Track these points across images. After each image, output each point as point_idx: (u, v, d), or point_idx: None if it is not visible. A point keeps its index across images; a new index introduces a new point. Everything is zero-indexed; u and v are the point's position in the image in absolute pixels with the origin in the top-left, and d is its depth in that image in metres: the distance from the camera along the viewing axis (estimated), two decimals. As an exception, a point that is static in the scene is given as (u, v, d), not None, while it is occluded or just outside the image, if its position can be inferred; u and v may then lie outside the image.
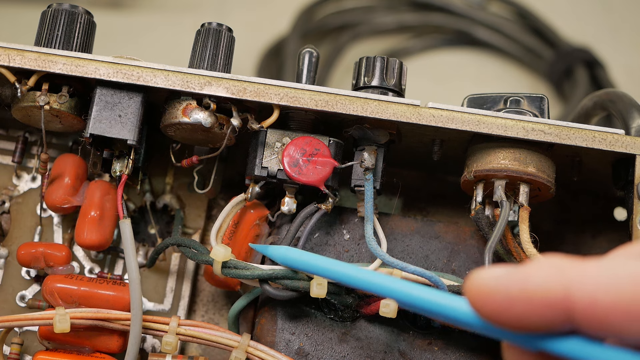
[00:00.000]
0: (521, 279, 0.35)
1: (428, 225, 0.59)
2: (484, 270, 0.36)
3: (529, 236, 0.54)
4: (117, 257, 0.62)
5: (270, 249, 0.51)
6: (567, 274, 0.35)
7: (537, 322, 0.35)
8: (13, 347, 0.57)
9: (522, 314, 0.35)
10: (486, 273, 0.36)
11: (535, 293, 0.35)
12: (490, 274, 0.36)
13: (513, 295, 0.35)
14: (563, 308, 0.34)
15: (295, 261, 0.51)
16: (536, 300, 0.35)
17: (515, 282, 0.35)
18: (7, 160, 0.63)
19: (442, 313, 0.39)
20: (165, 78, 0.55)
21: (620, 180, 0.56)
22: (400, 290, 0.39)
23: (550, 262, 0.35)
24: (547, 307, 0.34)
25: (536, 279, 0.35)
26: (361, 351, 0.56)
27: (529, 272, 0.35)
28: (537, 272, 0.35)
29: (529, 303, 0.35)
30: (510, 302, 0.35)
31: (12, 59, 0.54)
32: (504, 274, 0.36)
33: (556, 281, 0.34)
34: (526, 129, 0.54)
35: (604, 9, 1.07)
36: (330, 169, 0.55)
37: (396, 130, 0.56)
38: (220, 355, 0.60)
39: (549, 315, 0.34)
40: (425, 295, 0.39)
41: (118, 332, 0.56)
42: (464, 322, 0.38)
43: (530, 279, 0.35)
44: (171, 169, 0.64)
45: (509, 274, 0.36)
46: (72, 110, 0.56)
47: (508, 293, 0.35)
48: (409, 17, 1.02)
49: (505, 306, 0.35)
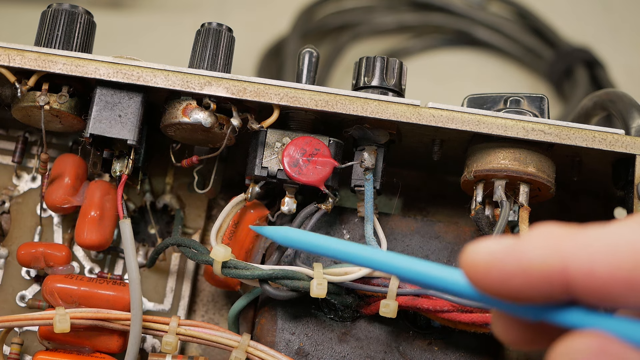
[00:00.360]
0: (517, 253, 0.34)
1: (428, 225, 0.59)
2: (479, 244, 0.36)
3: (529, 236, 0.54)
4: (117, 257, 0.62)
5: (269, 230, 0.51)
6: (563, 245, 0.34)
7: (535, 294, 0.34)
8: (13, 347, 0.57)
9: (520, 287, 0.34)
10: (481, 247, 0.35)
11: (532, 266, 0.34)
12: (485, 249, 0.35)
13: (509, 269, 0.34)
14: (561, 280, 0.34)
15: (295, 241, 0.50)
16: (533, 273, 0.34)
17: (511, 256, 0.34)
18: (7, 160, 0.63)
19: (440, 286, 0.38)
20: (165, 78, 0.55)
21: (620, 180, 0.56)
22: (399, 265, 0.39)
23: (546, 233, 0.35)
24: (544, 280, 0.34)
25: (532, 252, 0.34)
26: (361, 351, 0.56)
27: (525, 245, 0.34)
28: (533, 244, 0.34)
29: (526, 276, 0.34)
30: (507, 276, 0.34)
31: (12, 59, 0.54)
32: (499, 248, 0.35)
33: (552, 253, 0.34)
34: (526, 129, 0.54)
35: (604, 9, 1.07)
36: (330, 169, 0.55)
37: (396, 130, 0.56)
38: (220, 355, 0.60)
39: (547, 287, 0.34)
40: (423, 269, 0.38)
41: (118, 332, 0.56)
42: (462, 294, 0.37)
43: (526, 252, 0.34)
44: (171, 169, 0.64)
45: (505, 248, 0.35)
46: (72, 110, 0.56)
47: (504, 267, 0.34)
48: (409, 17, 1.02)
49: (502, 280, 0.35)
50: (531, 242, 0.35)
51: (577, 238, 0.34)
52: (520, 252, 0.34)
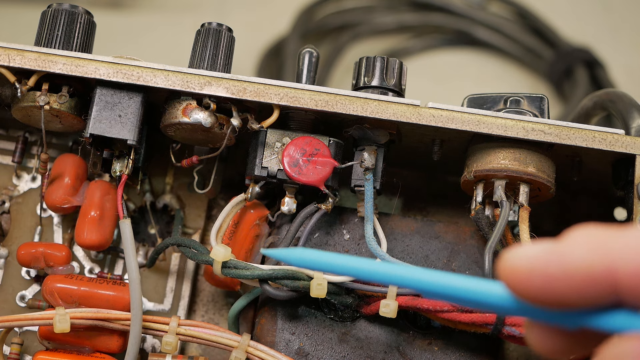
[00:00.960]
0: (560, 257, 0.33)
1: (428, 225, 0.59)
2: (518, 250, 0.34)
3: (529, 236, 0.54)
4: (117, 257, 0.62)
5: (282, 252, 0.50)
6: (608, 246, 0.33)
7: (581, 298, 0.33)
8: (13, 347, 0.57)
9: (564, 292, 0.33)
10: (521, 253, 0.34)
11: (578, 269, 0.33)
12: (525, 254, 0.34)
13: (552, 274, 0.33)
14: (607, 282, 0.33)
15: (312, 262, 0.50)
16: (577, 277, 0.33)
17: (554, 261, 0.33)
18: (7, 160, 0.63)
19: (474, 300, 0.36)
20: (165, 78, 0.55)
21: (620, 180, 0.56)
22: (428, 281, 0.37)
23: (588, 235, 0.34)
24: (590, 283, 0.33)
25: (577, 255, 0.33)
26: (361, 351, 0.56)
27: (567, 248, 0.33)
28: (576, 247, 0.33)
29: (569, 280, 0.33)
30: (549, 281, 0.33)
31: (12, 59, 0.54)
32: (540, 253, 0.34)
33: (597, 255, 0.33)
34: (526, 129, 0.54)
35: (604, 9, 1.07)
36: (330, 169, 0.55)
37: (396, 130, 0.56)
38: (220, 355, 0.60)
39: (593, 291, 0.33)
40: (456, 284, 0.36)
41: (118, 332, 0.56)
42: (499, 306, 0.36)
43: (570, 255, 0.33)
44: (171, 169, 0.64)
45: (546, 252, 0.34)
46: (72, 110, 0.56)
47: (547, 272, 0.33)
48: (409, 17, 1.02)
49: (545, 286, 0.33)
50: (574, 244, 0.34)
51: (622, 238, 0.33)
52: (563, 255, 0.33)
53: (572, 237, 0.34)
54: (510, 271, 0.34)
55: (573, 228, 0.34)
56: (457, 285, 0.36)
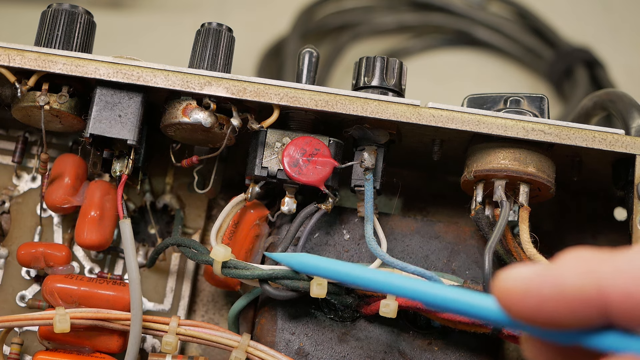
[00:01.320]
0: (552, 279, 0.34)
1: (428, 225, 0.59)
2: (512, 271, 0.36)
3: (529, 236, 0.54)
4: (117, 257, 0.62)
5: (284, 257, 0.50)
6: (599, 269, 0.34)
7: (572, 320, 0.34)
8: (13, 347, 0.57)
9: (556, 313, 0.34)
10: (515, 274, 0.35)
11: (569, 292, 0.34)
12: (519, 275, 0.35)
13: (545, 295, 0.34)
14: (598, 305, 0.34)
15: (313, 267, 0.50)
16: (569, 299, 0.34)
17: (547, 283, 0.34)
18: (7, 160, 0.63)
19: (471, 313, 0.38)
20: (165, 78, 0.55)
21: (620, 180, 0.56)
22: (426, 292, 0.39)
23: (580, 258, 0.35)
24: (581, 305, 0.34)
25: (568, 278, 0.34)
26: (361, 351, 0.56)
27: (560, 271, 0.35)
28: (568, 269, 0.34)
29: (562, 302, 0.34)
30: (542, 303, 0.34)
31: (12, 59, 0.54)
32: (534, 275, 0.35)
33: (588, 278, 0.34)
34: (526, 129, 0.54)
35: (604, 9, 1.07)
36: (330, 169, 0.55)
37: (396, 130, 0.56)
38: (220, 355, 0.60)
39: (584, 312, 0.34)
40: (453, 296, 0.38)
41: (118, 332, 0.56)
42: (494, 320, 0.37)
43: (562, 278, 0.34)
44: (171, 169, 0.64)
45: (539, 274, 0.35)
46: (72, 110, 0.56)
47: (540, 294, 0.34)
48: (409, 17, 1.02)
49: (538, 307, 0.35)
50: (566, 267, 0.35)
51: (613, 262, 0.34)
52: (555, 277, 0.35)
53: (565, 260, 0.35)
54: (505, 292, 0.36)
55: (565, 251, 0.36)
56: (454, 298, 0.38)
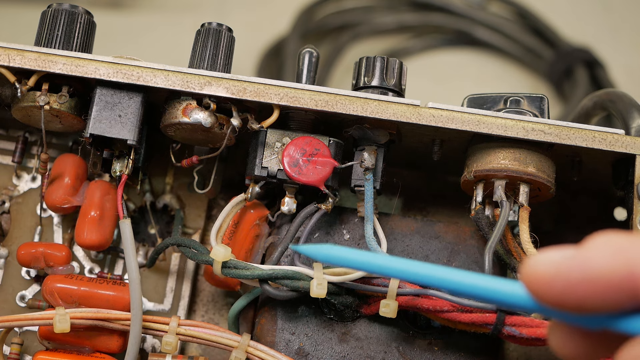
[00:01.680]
0: (581, 263, 0.34)
1: (428, 225, 0.59)
2: (540, 256, 0.35)
3: (529, 236, 0.54)
4: (117, 257, 0.62)
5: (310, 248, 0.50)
6: (629, 252, 0.34)
7: (602, 304, 0.34)
8: (13, 347, 0.57)
9: (585, 297, 0.34)
10: (543, 259, 0.35)
11: (598, 276, 0.34)
12: (547, 260, 0.35)
13: (574, 280, 0.34)
14: (628, 287, 0.33)
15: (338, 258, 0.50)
16: (599, 283, 0.34)
17: (576, 267, 0.34)
18: (7, 160, 0.63)
19: (499, 300, 0.38)
20: (165, 78, 0.55)
21: (620, 180, 0.56)
22: (453, 280, 0.38)
23: (609, 241, 0.35)
24: (611, 289, 0.34)
25: (598, 261, 0.34)
26: (361, 351, 0.56)
27: (589, 254, 0.34)
28: (597, 253, 0.34)
29: (592, 286, 0.34)
30: (572, 288, 0.34)
31: (12, 59, 0.54)
32: (562, 260, 0.35)
33: (618, 261, 0.34)
34: (526, 129, 0.54)
35: (604, 9, 1.07)
36: (330, 169, 0.55)
37: (396, 130, 0.56)
38: (220, 355, 0.60)
39: (614, 296, 0.34)
40: (481, 284, 0.38)
41: (118, 332, 0.56)
42: (521, 306, 0.37)
43: (591, 262, 0.34)
44: (171, 169, 0.64)
45: (568, 259, 0.35)
46: (72, 110, 0.56)
47: (569, 279, 0.34)
48: (409, 17, 1.02)
49: (567, 292, 0.34)
50: (595, 250, 0.34)
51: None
52: (585, 261, 0.34)
53: (594, 243, 0.35)
54: (533, 277, 0.35)
55: (595, 235, 0.35)
56: (482, 286, 0.38)
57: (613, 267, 0.34)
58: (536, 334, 0.51)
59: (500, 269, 0.57)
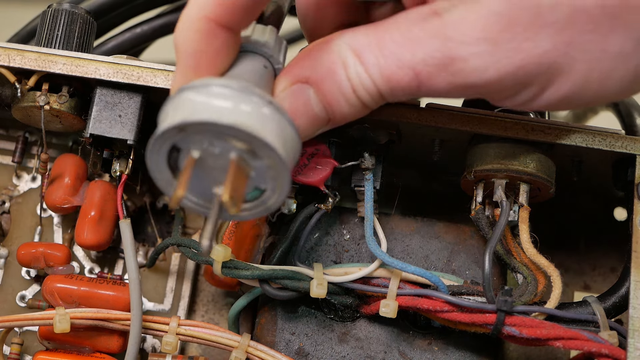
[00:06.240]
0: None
1: (428, 225, 0.59)
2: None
3: (529, 236, 0.54)
4: (117, 257, 0.62)
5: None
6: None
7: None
8: (13, 347, 0.58)
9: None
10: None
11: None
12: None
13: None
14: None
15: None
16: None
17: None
18: (7, 160, 0.63)
19: None
20: (166, 78, 0.55)
21: (620, 180, 0.56)
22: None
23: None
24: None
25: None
26: (361, 351, 0.56)
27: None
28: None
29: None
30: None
31: (12, 59, 0.55)
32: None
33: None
34: (526, 129, 0.54)
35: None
36: (330, 169, 0.55)
37: (396, 130, 0.56)
38: (220, 355, 0.60)
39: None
40: None
41: (118, 332, 0.56)
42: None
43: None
44: (171, 169, 0.64)
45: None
46: (72, 110, 0.56)
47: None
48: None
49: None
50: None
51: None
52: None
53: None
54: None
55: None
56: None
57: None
58: (536, 334, 0.51)
59: (500, 269, 0.57)
